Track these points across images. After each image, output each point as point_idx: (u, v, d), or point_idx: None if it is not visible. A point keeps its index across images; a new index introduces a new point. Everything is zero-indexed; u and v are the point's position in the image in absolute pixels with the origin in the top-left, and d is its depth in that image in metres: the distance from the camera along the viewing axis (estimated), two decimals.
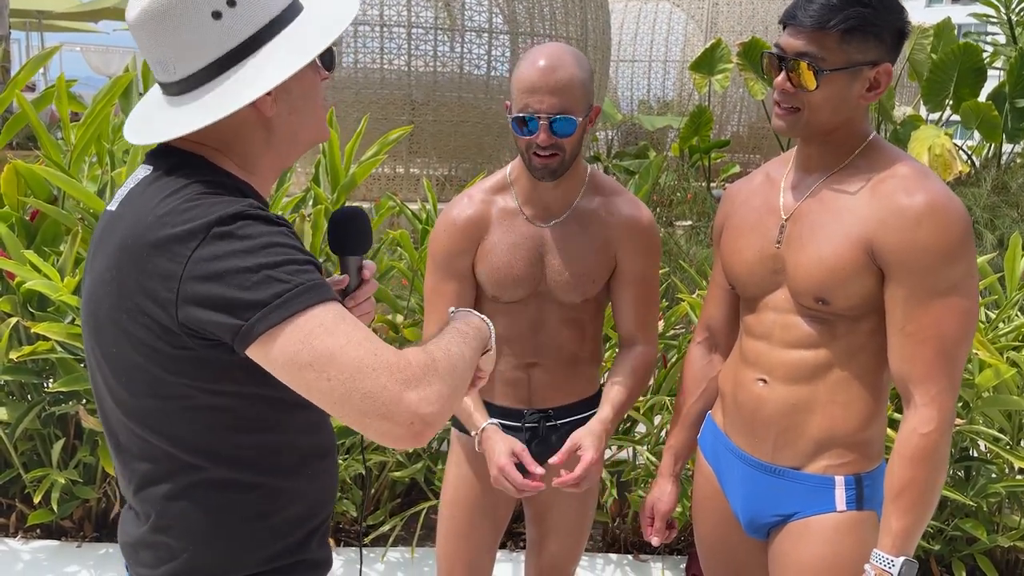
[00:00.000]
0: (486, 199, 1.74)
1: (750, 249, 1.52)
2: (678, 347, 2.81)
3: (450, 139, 7.06)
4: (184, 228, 0.95)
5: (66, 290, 2.47)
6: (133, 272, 0.97)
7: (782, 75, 1.39)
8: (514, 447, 1.66)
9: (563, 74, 1.56)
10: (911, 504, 1.34)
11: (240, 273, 0.92)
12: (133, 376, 1.01)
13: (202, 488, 1.04)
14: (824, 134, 1.42)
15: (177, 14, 0.99)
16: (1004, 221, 5.50)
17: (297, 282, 0.93)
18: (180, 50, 1.01)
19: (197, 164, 1.04)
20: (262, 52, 1.02)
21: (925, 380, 1.34)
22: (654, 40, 11.08)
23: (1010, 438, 2.58)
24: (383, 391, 0.90)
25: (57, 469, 2.64)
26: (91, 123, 2.83)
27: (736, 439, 1.57)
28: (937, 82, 7.22)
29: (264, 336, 0.92)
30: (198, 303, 0.93)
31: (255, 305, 0.91)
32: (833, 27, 1.32)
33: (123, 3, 15.18)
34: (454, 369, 0.98)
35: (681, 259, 4.88)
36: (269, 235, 0.96)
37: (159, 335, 0.97)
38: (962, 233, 1.32)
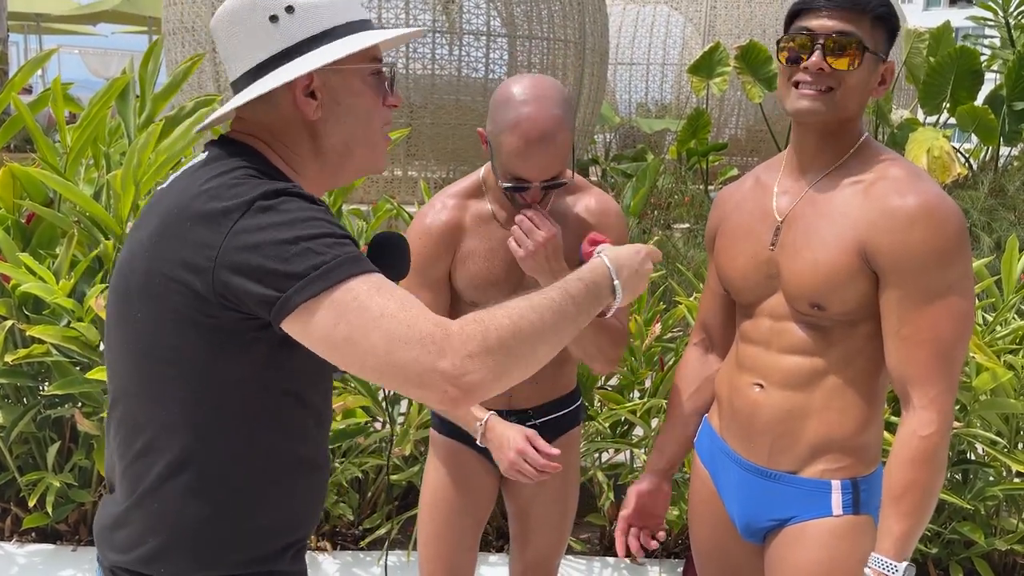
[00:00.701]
0: (459, 204, 1.71)
1: (744, 255, 1.51)
2: (675, 350, 2.80)
3: (448, 142, 7.06)
4: (228, 203, 0.97)
5: (61, 293, 2.46)
6: (174, 241, 0.99)
7: (816, 55, 1.34)
8: (525, 432, 1.64)
9: (556, 143, 1.51)
10: (912, 507, 1.33)
11: (279, 245, 0.94)
12: (153, 343, 1.02)
13: (187, 473, 1.03)
14: (837, 124, 1.40)
15: (240, 17, 1.07)
16: (1001, 224, 5.51)
17: (335, 254, 0.94)
18: (239, 50, 1.08)
19: (248, 152, 1.08)
20: (310, 54, 1.06)
21: (923, 382, 1.34)
22: (652, 43, 11.09)
23: (1007, 441, 2.57)
24: (414, 363, 0.90)
25: (52, 472, 2.63)
26: (87, 126, 2.82)
27: (732, 443, 1.56)
28: (934, 85, 7.23)
29: (301, 308, 0.93)
30: (236, 272, 0.94)
31: (293, 276, 0.93)
32: (870, 10, 1.34)
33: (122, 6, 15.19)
34: (514, 337, 0.96)
35: (679, 262, 4.88)
36: (310, 210, 0.98)
37: (191, 302, 0.98)
38: (956, 234, 1.32)
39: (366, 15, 1.13)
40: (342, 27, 1.08)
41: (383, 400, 2.80)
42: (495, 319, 0.96)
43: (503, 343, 0.95)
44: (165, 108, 3.26)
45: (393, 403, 2.82)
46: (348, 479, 2.73)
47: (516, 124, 1.50)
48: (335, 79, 1.08)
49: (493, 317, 0.96)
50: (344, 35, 1.08)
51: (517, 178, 1.55)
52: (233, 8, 1.07)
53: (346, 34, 1.08)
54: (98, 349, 2.51)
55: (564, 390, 1.85)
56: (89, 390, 2.48)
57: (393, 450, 2.66)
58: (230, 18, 1.07)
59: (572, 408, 1.87)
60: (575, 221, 1.71)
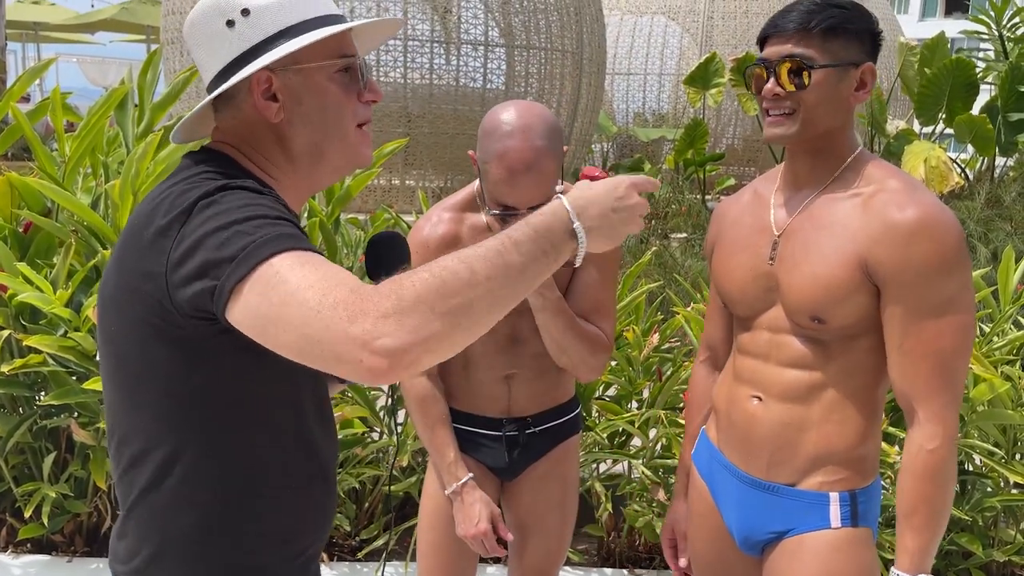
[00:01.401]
0: (455, 217, 1.74)
1: (742, 268, 1.52)
2: (673, 360, 2.80)
3: (445, 151, 7.07)
4: (177, 209, 0.97)
5: (58, 303, 2.46)
6: (135, 253, 0.99)
7: (771, 82, 1.40)
8: (493, 511, 1.71)
9: (542, 171, 1.54)
10: (925, 521, 1.33)
11: (214, 233, 0.92)
12: (127, 355, 1.02)
13: (172, 481, 1.03)
14: (815, 139, 1.42)
15: (200, 25, 1.07)
16: (998, 235, 5.52)
17: (263, 233, 0.90)
18: (204, 58, 1.08)
19: (218, 158, 1.07)
20: (267, 54, 1.04)
21: (927, 396, 1.34)
22: (649, 53, 11.14)
23: (1005, 452, 2.58)
24: (325, 332, 0.82)
25: (48, 483, 2.62)
26: (86, 135, 2.82)
27: (730, 455, 1.56)
28: (930, 96, 7.27)
29: (234, 293, 0.89)
30: (184, 275, 0.93)
31: (226, 261, 0.90)
32: (815, 27, 1.36)
33: (120, 15, 15.22)
34: (436, 292, 0.85)
35: (676, 272, 4.88)
36: (247, 198, 0.96)
37: (155, 313, 0.97)
38: (956, 246, 1.32)
39: (332, 11, 1.09)
40: (300, 25, 1.05)
41: (381, 410, 2.80)
42: (414, 275, 0.86)
43: (422, 299, 0.83)
44: (163, 118, 3.26)
45: (391, 413, 2.82)
46: (345, 490, 2.72)
47: (502, 155, 1.54)
48: (296, 79, 1.05)
49: (412, 273, 0.86)
50: (303, 32, 1.05)
51: (504, 205, 1.59)
52: (193, 18, 1.08)
53: (305, 31, 1.05)
54: (94, 359, 2.51)
55: (563, 398, 1.86)
56: (85, 400, 2.47)
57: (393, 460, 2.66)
58: (191, 28, 1.09)
59: (571, 416, 1.88)
60: None
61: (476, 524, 1.70)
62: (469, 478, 1.73)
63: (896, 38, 8.98)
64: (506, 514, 1.93)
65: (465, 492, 1.72)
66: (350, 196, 3.07)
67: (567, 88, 7.49)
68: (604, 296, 1.75)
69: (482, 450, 1.81)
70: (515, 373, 1.78)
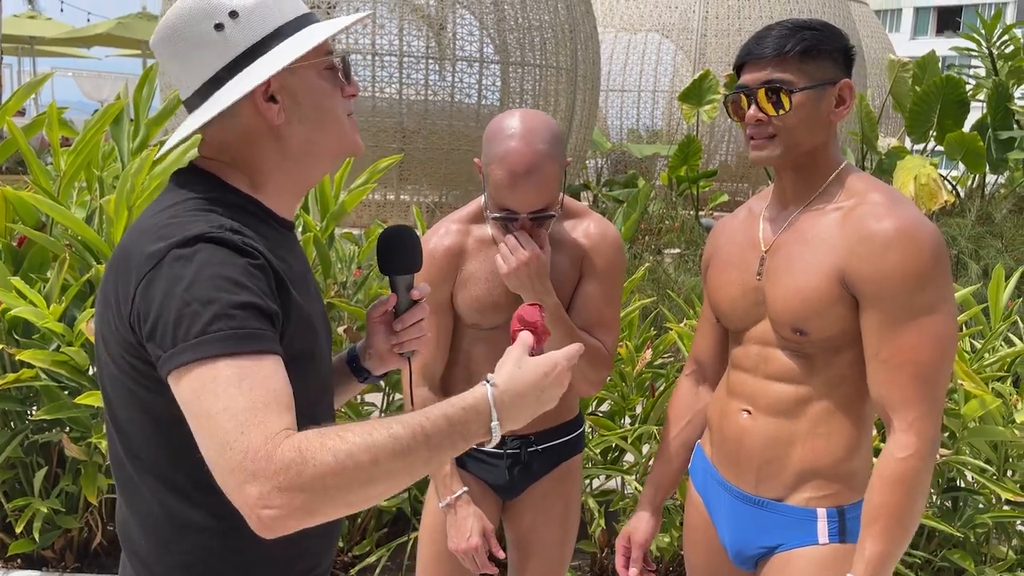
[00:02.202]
0: (462, 229, 1.75)
1: (732, 284, 1.54)
2: (666, 376, 2.81)
3: (440, 166, 7.10)
4: (153, 247, 0.96)
5: (52, 317, 2.45)
6: (112, 285, 1.00)
7: (752, 108, 1.42)
8: (485, 527, 1.70)
9: (542, 176, 1.55)
10: (886, 529, 1.33)
11: (176, 301, 0.91)
12: (114, 386, 1.03)
13: (166, 511, 1.03)
14: (800, 157, 1.44)
15: (182, 30, 1.03)
16: (989, 251, 5.56)
17: (219, 327, 0.90)
18: (189, 65, 1.04)
19: (204, 180, 1.05)
20: (262, 58, 1.03)
21: (903, 406, 1.34)
22: (643, 70, 11.21)
23: (996, 469, 2.58)
24: (228, 475, 0.86)
25: (39, 498, 2.61)
26: (81, 150, 2.83)
27: (723, 470, 1.57)
28: (921, 114, 7.34)
29: (174, 373, 0.91)
30: (142, 321, 0.94)
31: (175, 338, 0.91)
32: (790, 50, 1.39)
33: (116, 30, 15.27)
34: (335, 476, 0.86)
35: (669, 288, 4.90)
36: (220, 266, 0.94)
37: (124, 347, 0.98)
38: (932, 257, 1.33)
39: (306, 8, 1.10)
40: (289, 24, 1.06)
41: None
42: (319, 453, 0.86)
43: (320, 482, 0.85)
44: (159, 133, 3.27)
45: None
46: None
47: (504, 157, 1.55)
48: (292, 79, 1.05)
49: (320, 448, 0.86)
50: (292, 32, 1.05)
51: (505, 209, 1.59)
52: (173, 23, 1.03)
53: (294, 31, 1.06)
54: (87, 373, 2.50)
55: (567, 416, 1.85)
56: (77, 415, 2.46)
57: None
58: (172, 34, 1.03)
59: (574, 435, 1.87)
60: (572, 245, 1.74)
61: (467, 539, 1.69)
62: (463, 492, 1.73)
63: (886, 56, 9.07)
64: (507, 532, 1.92)
65: (459, 506, 1.72)
66: (345, 211, 3.08)
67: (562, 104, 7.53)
68: (607, 310, 1.75)
69: (483, 467, 1.81)
70: None
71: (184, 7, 1.03)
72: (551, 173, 1.57)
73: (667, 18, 10.61)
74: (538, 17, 7.27)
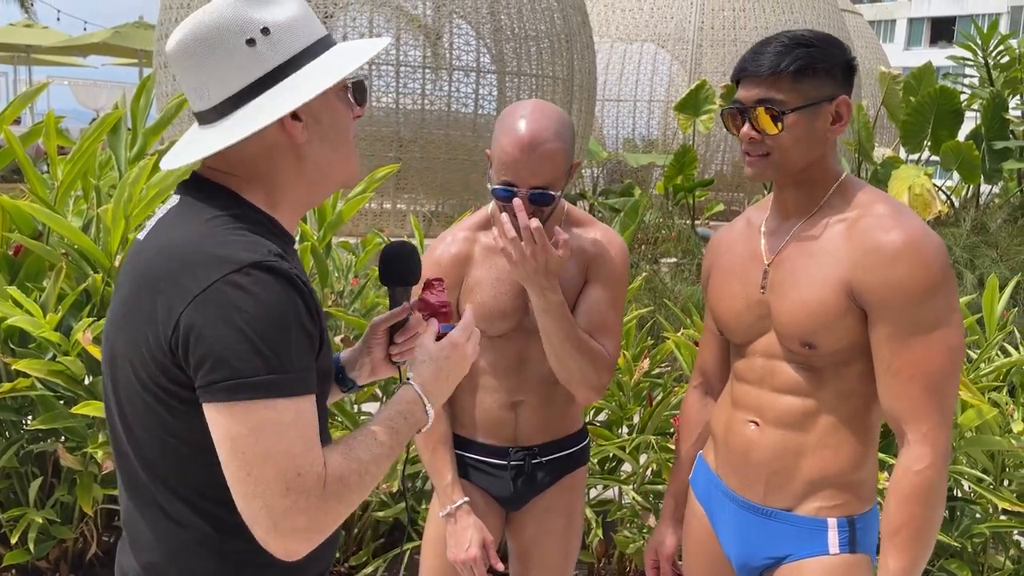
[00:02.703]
0: (469, 236, 1.77)
1: (735, 296, 1.54)
2: (663, 385, 2.81)
3: (437, 175, 7.10)
4: (200, 265, 0.96)
5: (48, 326, 2.45)
6: (145, 302, 0.99)
7: (746, 126, 1.43)
8: (485, 538, 1.70)
9: (545, 150, 1.57)
10: (908, 542, 1.33)
11: (235, 332, 0.92)
12: (139, 408, 1.02)
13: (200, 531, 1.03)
14: (797, 173, 1.45)
15: (212, 41, 1.02)
16: (984, 261, 5.58)
17: (279, 367, 0.93)
18: (214, 77, 1.03)
19: (222, 195, 1.05)
20: (292, 77, 1.04)
21: (916, 417, 1.35)
22: (639, 80, 11.24)
23: (993, 478, 2.59)
24: (284, 515, 0.93)
25: (34, 508, 2.59)
26: (78, 159, 2.83)
27: (728, 481, 1.57)
28: (915, 124, 7.36)
29: (224, 404, 0.93)
30: (187, 341, 0.94)
31: (233, 371, 0.92)
32: (784, 69, 1.38)
33: (112, 39, 15.27)
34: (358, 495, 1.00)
35: (666, 297, 4.90)
36: (278, 301, 0.95)
37: (155, 366, 0.98)
38: (940, 268, 1.34)
39: (324, 30, 1.12)
40: (316, 44, 1.07)
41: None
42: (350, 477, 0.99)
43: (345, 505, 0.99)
44: (156, 142, 3.27)
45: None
46: None
47: (510, 128, 1.58)
48: (315, 99, 1.06)
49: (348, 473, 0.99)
50: (319, 52, 1.07)
51: (506, 182, 1.59)
52: (204, 34, 1.02)
53: (320, 51, 1.07)
54: (83, 383, 2.50)
55: (571, 428, 1.85)
56: (73, 424, 2.45)
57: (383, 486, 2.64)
58: (202, 44, 1.02)
59: (578, 448, 1.87)
60: (578, 252, 1.74)
61: (466, 549, 1.69)
62: (464, 502, 1.72)
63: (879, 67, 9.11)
64: (510, 544, 1.92)
65: (459, 516, 1.71)
66: (342, 220, 3.08)
67: None
68: (610, 316, 1.75)
69: (487, 479, 1.80)
70: (522, 400, 1.77)
71: (216, 17, 1.02)
72: (555, 152, 1.58)
73: (663, 28, 10.65)
74: (534, 27, 7.29)
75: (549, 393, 1.78)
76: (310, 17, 1.08)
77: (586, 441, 1.90)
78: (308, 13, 1.08)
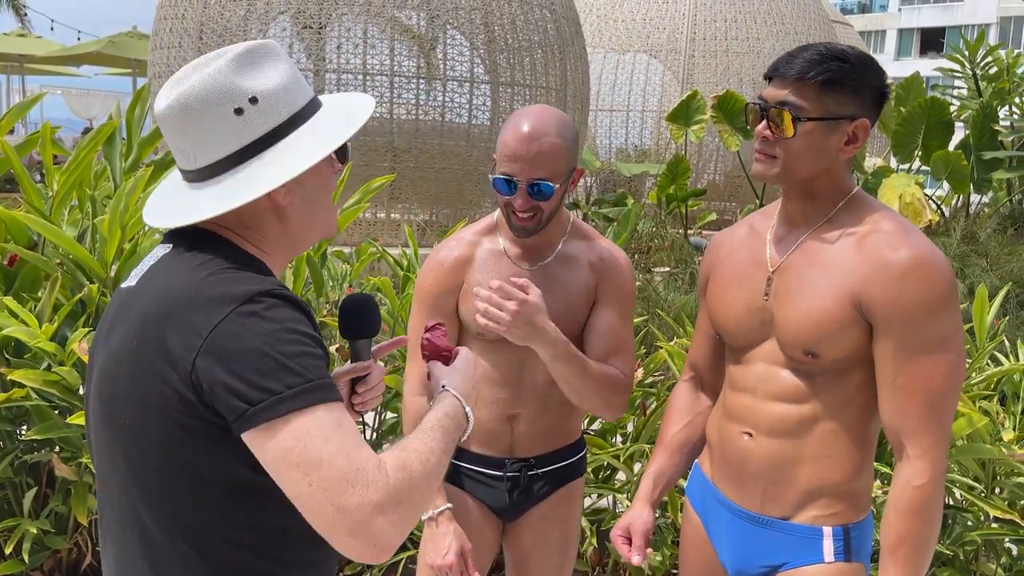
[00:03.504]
0: (473, 240, 1.79)
1: (737, 301, 1.55)
2: (656, 394, 2.82)
3: (431, 185, 7.12)
4: (210, 301, 0.97)
5: (44, 337, 2.45)
6: (155, 341, 0.99)
7: (763, 123, 1.44)
8: (464, 546, 1.71)
9: (545, 143, 1.61)
10: (908, 556, 1.35)
11: (259, 356, 0.94)
12: (147, 449, 1.01)
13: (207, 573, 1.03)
14: (801, 182, 1.46)
15: (200, 109, 1.04)
16: (974, 271, 5.61)
17: (308, 377, 0.95)
18: (201, 142, 1.06)
19: (217, 242, 1.08)
20: (280, 145, 1.07)
21: (916, 432, 1.36)
22: (632, 90, 11.29)
23: (984, 486, 2.60)
24: (356, 510, 0.92)
25: (29, 519, 2.59)
26: (74, 169, 2.83)
27: (724, 490, 1.58)
28: (906, 134, 7.42)
29: (264, 425, 0.93)
30: (212, 374, 0.95)
31: (266, 391, 0.93)
32: (812, 78, 1.39)
33: (106, 48, 15.27)
34: (427, 482, 1.00)
35: (659, 306, 4.92)
36: (292, 321, 0.98)
37: (176, 404, 0.98)
38: (947, 287, 1.36)
39: (311, 92, 1.14)
40: (303, 110, 1.10)
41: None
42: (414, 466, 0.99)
43: (416, 495, 0.99)
44: (151, 152, 3.28)
45: (376, 447, 2.81)
46: None
47: (513, 124, 1.64)
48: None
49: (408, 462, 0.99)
50: (306, 117, 1.09)
51: (505, 173, 1.63)
52: (191, 102, 1.04)
53: (307, 116, 1.10)
54: (78, 394, 2.50)
55: (568, 439, 1.86)
56: (68, 435, 2.45)
57: None
58: (189, 112, 1.04)
59: (576, 459, 1.87)
60: (585, 266, 1.77)
61: (443, 556, 1.69)
62: (446, 508, 1.73)
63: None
64: (506, 553, 1.92)
65: (440, 521, 1.72)
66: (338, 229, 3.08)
67: None
68: (622, 334, 1.78)
69: (484, 489, 1.81)
70: (519, 413, 1.78)
71: (205, 86, 1.04)
72: (555, 147, 1.62)
73: (655, 39, 10.72)
74: (528, 38, 7.33)
75: (546, 405, 1.78)
76: (298, 82, 1.11)
77: (583, 452, 1.90)
78: (297, 79, 1.11)
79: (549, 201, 1.64)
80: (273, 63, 1.08)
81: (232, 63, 1.05)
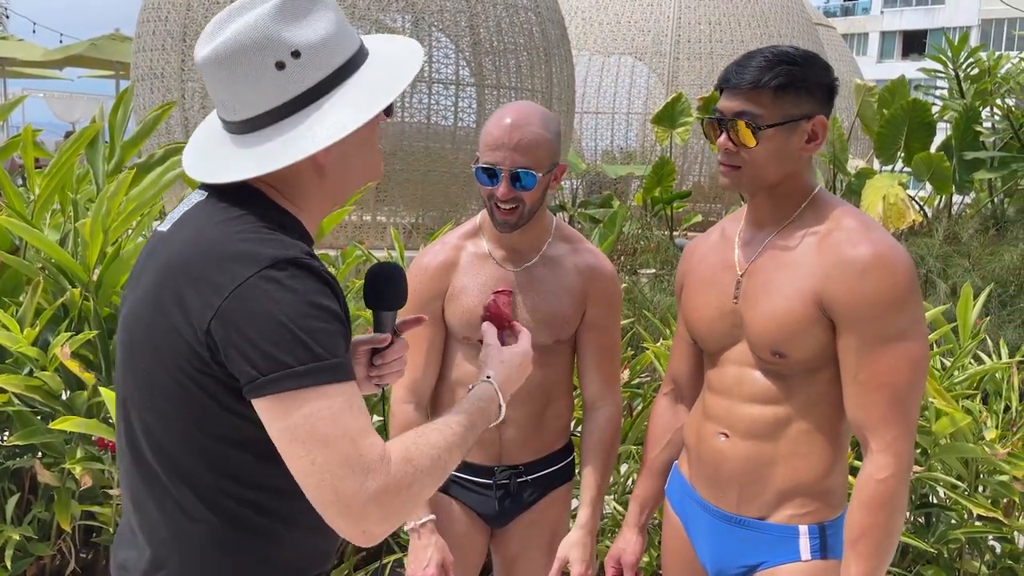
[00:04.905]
0: (458, 244, 1.80)
1: (708, 306, 1.56)
2: (643, 396, 2.83)
3: (417, 188, 7.11)
4: (234, 260, 0.96)
5: (25, 341, 2.42)
6: (174, 290, 0.98)
7: (723, 136, 1.45)
8: (445, 559, 1.71)
9: (527, 132, 1.62)
10: (870, 549, 1.36)
11: (276, 325, 0.93)
12: (158, 396, 1.01)
13: (210, 524, 1.03)
14: (770, 187, 1.48)
15: (242, 61, 1.01)
16: (956, 270, 5.66)
17: (323, 355, 0.94)
18: (242, 95, 1.03)
19: (252, 196, 1.05)
20: (325, 103, 1.03)
21: (880, 426, 1.38)
22: (617, 93, 11.33)
23: (968, 485, 2.62)
24: (352, 497, 0.92)
25: (11, 525, 2.56)
26: (56, 173, 2.81)
27: (701, 491, 1.59)
28: (888, 136, 7.48)
29: (274, 396, 0.93)
30: (228, 337, 0.94)
31: (278, 363, 0.93)
32: (765, 84, 1.40)
33: (89, 51, 15.16)
34: (433, 477, 1.01)
35: (645, 308, 4.93)
36: (314, 293, 0.97)
37: (188, 357, 0.97)
38: (907, 282, 1.37)
39: (359, 39, 1.09)
40: (347, 64, 1.05)
41: None
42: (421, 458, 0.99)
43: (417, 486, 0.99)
44: (134, 155, 3.26)
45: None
46: None
47: (496, 116, 1.65)
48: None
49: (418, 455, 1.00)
50: (351, 71, 1.05)
51: (488, 162, 1.64)
52: (231, 51, 1.00)
53: (352, 69, 1.05)
54: (61, 399, 2.47)
55: (556, 445, 1.86)
56: (51, 440, 2.43)
57: None
58: (228, 62, 1.00)
59: (563, 464, 1.88)
60: (572, 272, 1.77)
61: (424, 568, 1.69)
62: (428, 519, 1.73)
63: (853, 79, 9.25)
64: (494, 559, 1.92)
65: (423, 532, 1.72)
66: (322, 232, 3.08)
67: None
68: (612, 365, 1.82)
69: (473, 496, 1.81)
70: (508, 419, 1.78)
71: (244, 37, 1.00)
72: (537, 136, 1.63)
73: (640, 42, 10.75)
74: (513, 40, 7.34)
75: (536, 411, 1.79)
76: (345, 32, 1.06)
77: (571, 457, 1.90)
78: (343, 28, 1.06)
79: (531, 192, 1.64)
80: (319, 12, 1.03)
81: (275, 10, 1.00)
